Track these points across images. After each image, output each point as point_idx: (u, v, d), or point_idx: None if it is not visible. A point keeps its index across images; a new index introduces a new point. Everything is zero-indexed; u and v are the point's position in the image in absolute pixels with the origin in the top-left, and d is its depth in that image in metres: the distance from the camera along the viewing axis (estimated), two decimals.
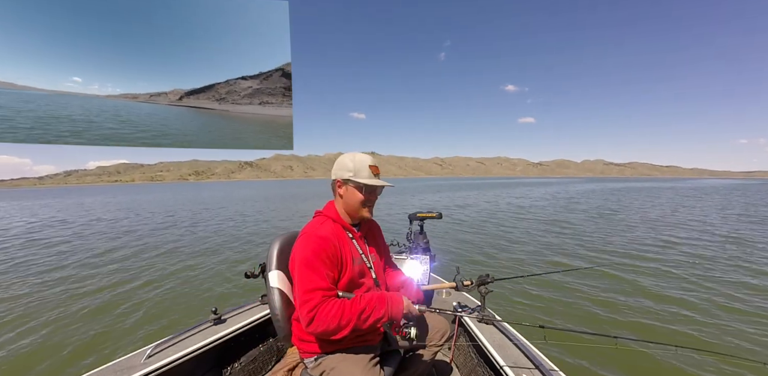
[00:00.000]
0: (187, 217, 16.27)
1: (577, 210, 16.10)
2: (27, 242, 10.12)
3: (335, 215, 1.52)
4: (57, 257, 8.00)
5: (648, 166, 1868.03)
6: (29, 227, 14.00)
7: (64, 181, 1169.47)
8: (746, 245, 7.96)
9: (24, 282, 6.04)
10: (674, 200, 23.37)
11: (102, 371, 1.56)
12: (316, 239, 1.37)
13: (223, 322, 2.05)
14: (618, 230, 10.52)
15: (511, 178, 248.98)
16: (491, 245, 8.57)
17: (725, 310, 4.31)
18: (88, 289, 5.59)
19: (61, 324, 4.24)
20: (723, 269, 6.04)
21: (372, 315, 1.31)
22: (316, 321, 1.27)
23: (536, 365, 1.60)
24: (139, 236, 10.80)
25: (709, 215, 14.16)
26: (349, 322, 1.28)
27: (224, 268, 6.77)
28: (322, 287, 1.31)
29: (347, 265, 1.43)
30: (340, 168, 1.49)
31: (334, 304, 1.30)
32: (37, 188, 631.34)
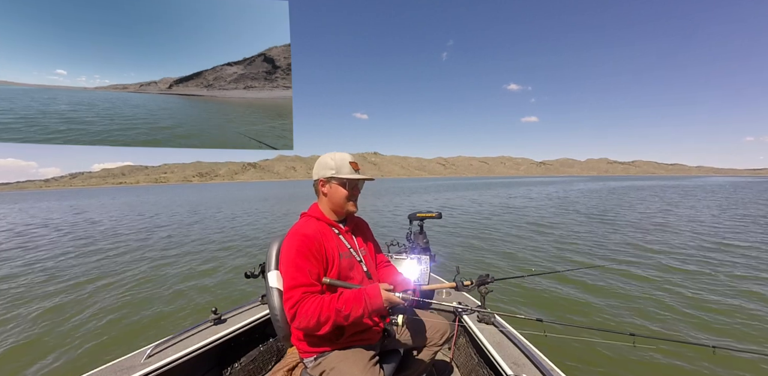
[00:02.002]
0: (176, 220, 16.33)
1: (576, 211, 15.98)
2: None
3: (319, 214, 1.56)
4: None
5: (653, 165, 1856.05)
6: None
7: (70, 184, 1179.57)
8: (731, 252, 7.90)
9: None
10: (678, 199, 23.17)
11: (102, 371, 1.57)
12: (300, 237, 1.40)
13: (223, 322, 2.05)
14: (613, 230, 10.42)
15: (514, 178, 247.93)
16: (480, 245, 8.55)
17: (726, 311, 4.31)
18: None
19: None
20: (738, 267, 6.02)
21: (351, 313, 1.31)
22: (297, 318, 1.29)
23: (536, 365, 1.59)
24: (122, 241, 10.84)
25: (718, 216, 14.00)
26: (327, 319, 1.28)
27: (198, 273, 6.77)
28: (303, 283, 1.33)
29: (334, 260, 1.45)
30: (322, 167, 1.53)
31: (313, 301, 1.31)
32: (43, 190, 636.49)
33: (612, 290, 5.07)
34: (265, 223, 13.94)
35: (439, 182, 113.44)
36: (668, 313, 4.22)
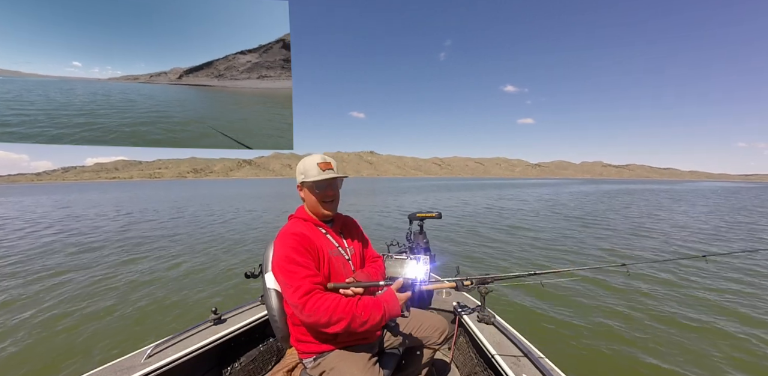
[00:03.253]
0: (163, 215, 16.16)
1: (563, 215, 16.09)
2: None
3: (305, 216, 1.58)
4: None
5: (646, 169, 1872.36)
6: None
7: (62, 177, 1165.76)
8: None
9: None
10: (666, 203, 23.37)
11: (102, 371, 1.56)
12: (291, 235, 1.42)
13: (223, 322, 2.05)
14: (605, 232, 10.55)
15: (509, 180, 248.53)
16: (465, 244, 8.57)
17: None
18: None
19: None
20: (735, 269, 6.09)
21: (370, 320, 1.31)
22: (307, 308, 1.28)
23: (536, 365, 1.60)
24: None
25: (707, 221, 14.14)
26: (340, 320, 1.28)
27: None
28: (309, 274, 1.34)
29: (324, 256, 1.47)
30: (297, 173, 1.56)
31: (327, 297, 1.31)
32: (35, 183, 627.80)
33: (618, 289, 5.13)
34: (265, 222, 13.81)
35: (434, 182, 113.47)
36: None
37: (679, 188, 64.52)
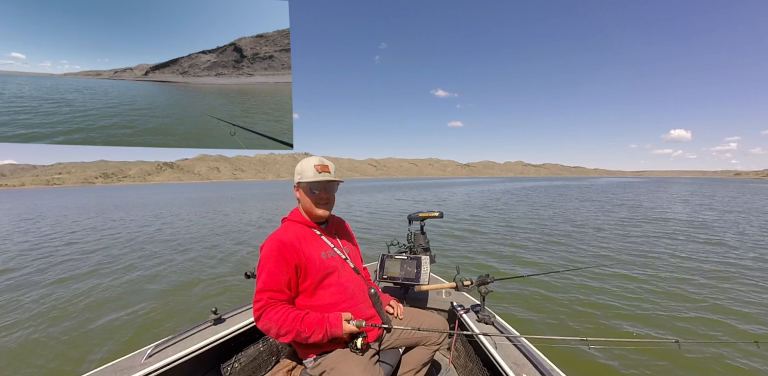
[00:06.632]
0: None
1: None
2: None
3: (299, 218, 1.62)
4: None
5: (559, 167, 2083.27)
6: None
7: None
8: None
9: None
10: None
11: (102, 371, 1.52)
12: (275, 243, 1.45)
13: (223, 322, 2.01)
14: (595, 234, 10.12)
15: (441, 179, 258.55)
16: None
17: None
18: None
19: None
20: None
21: (312, 337, 1.39)
22: (262, 320, 1.37)
23: (536, 365, 1.59)
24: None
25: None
26: (287, 333, 1.36)
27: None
28: (271, 288, 1.39)
29: (313, 261, 1.49)
30: (295, 173, 1.60)
31: (278, 310, 1.38)
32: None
33: (618, 288, 5.23)
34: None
35: (371, 183, 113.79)
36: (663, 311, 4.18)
37: (583, 183, 69.76)
